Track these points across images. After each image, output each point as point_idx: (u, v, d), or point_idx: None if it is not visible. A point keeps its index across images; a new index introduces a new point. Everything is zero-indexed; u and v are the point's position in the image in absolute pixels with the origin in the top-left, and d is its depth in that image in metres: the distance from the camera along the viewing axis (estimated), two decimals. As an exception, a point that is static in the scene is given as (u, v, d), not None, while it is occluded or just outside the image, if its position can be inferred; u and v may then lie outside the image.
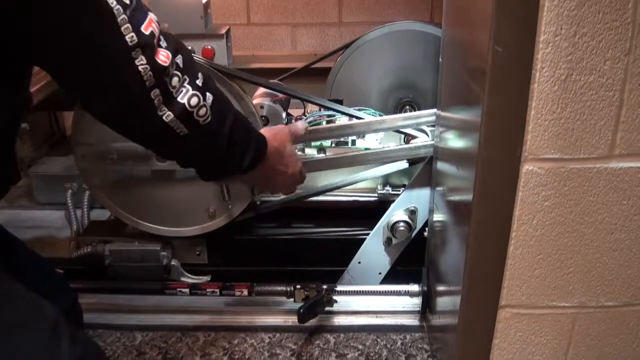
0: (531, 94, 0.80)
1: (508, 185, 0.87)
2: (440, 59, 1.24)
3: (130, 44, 0.70)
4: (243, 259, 1.60)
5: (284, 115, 1.54)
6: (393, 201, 1.48)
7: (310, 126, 1.52)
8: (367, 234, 1.49)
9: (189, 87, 0.80)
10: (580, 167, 0.85)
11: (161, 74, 0.75)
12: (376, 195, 1.53)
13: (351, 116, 1.43)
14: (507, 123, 0.83)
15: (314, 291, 1.35)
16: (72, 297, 1.16)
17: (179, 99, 0.78)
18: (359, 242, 1.51)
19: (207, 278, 1.60)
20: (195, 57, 1.29)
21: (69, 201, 1.74)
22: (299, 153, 1.47)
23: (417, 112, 1.38)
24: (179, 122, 0.80)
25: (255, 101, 1.51)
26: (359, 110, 1.51)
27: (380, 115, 1.55)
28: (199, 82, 0.82)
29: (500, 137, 0.84)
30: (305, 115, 1.61)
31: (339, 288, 1.41)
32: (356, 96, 1.75)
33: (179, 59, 0.79)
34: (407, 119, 1.35)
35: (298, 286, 1.37)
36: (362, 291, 1.44)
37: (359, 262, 1.50)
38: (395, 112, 1.74)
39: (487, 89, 0.81)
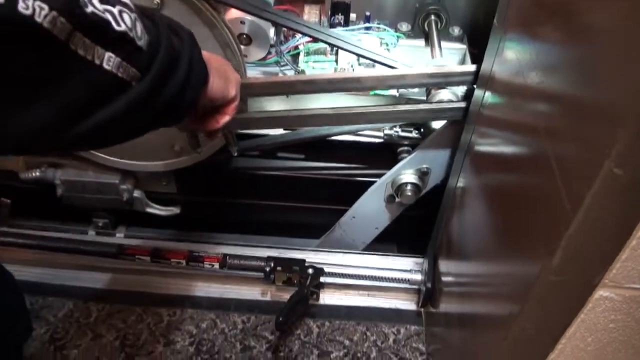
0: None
1: (570, 309, 0.62)
2: None
3: None
4: (218, 189, 1.37)
5: (272, 32, 1.15)
6: (400, 144, 1.22)
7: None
8: (367, 178, 1.25)
9: None
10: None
11: None
12: (382, 136, 1.24)
13: (353, 52, 1.06)
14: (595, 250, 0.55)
15: (297, 276, 1.14)
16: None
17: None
18: (354, 185, 1.27)
19: (176, 209, 1.39)
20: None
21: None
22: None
23: (449, 69, 1.01)
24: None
25: (233, 16, 1.12)
26: (367, 28, 1.16)
27: (398, 38, 1.19)
28: None
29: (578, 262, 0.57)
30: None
31: (327, 269, 1.19)
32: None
33: None
34: (434, 76, 1.00)
35: (279, 268, 1.15)
36: (353, 274, 1.22)
37: (354, 217, 1.28)
38: (416, 20, 1.31)
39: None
